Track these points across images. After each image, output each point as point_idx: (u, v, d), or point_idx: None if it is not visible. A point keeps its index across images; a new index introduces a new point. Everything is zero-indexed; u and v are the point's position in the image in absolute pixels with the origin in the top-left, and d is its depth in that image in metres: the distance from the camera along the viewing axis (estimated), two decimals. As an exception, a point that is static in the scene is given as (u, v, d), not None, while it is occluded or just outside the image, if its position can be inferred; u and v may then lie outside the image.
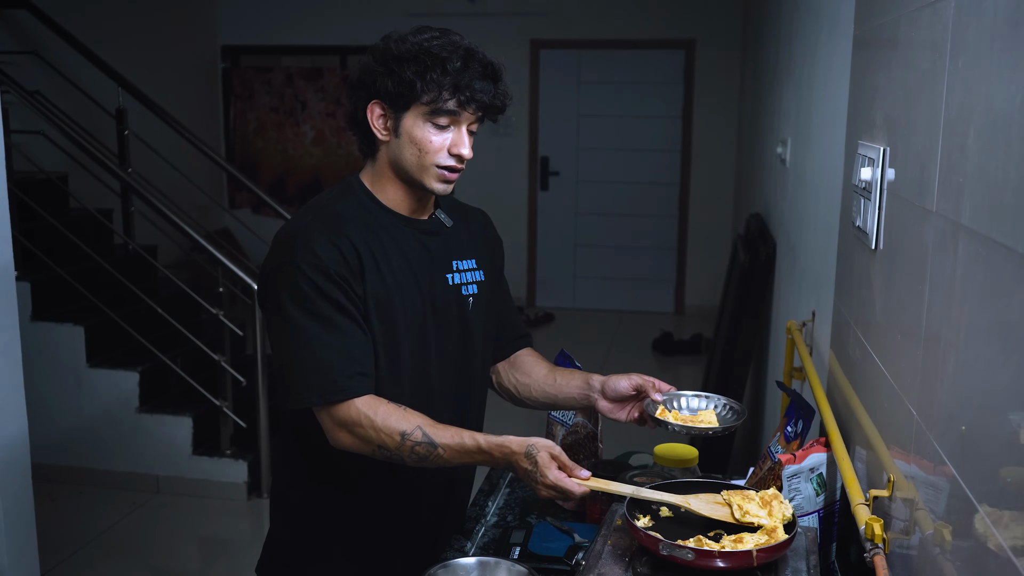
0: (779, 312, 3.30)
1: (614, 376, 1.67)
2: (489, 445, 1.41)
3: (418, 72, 1.44)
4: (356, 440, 1.45)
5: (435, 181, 1.51)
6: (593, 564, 1.35)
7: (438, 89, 1.44)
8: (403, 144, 1.49)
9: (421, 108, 1.46)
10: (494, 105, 1.50)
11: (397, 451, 1.43)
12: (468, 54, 1.47)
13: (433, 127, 1.47)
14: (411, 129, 1.48)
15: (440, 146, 1.48)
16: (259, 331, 3.84)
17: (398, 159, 1.51)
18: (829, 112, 2.25)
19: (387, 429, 1.42)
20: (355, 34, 7.14)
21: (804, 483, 1.55)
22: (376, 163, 1.55)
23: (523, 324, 1.84)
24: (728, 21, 6.81)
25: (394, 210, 1.56)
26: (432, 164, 1.49)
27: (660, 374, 1.74)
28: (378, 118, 1.51)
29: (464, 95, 1.45)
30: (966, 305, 0.99)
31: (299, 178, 7.59)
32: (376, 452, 1.45)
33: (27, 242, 3.97)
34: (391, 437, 1.42)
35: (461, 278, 1.62)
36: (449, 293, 1.60)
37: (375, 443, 1.44)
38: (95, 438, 4.02)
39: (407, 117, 1.48)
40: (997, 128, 0.91)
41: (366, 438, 1.44)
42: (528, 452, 1.38)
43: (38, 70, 4.88)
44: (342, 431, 1.45)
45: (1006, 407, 0.86)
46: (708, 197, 7.05)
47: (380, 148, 1.53)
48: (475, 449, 1.42)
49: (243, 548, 3.75)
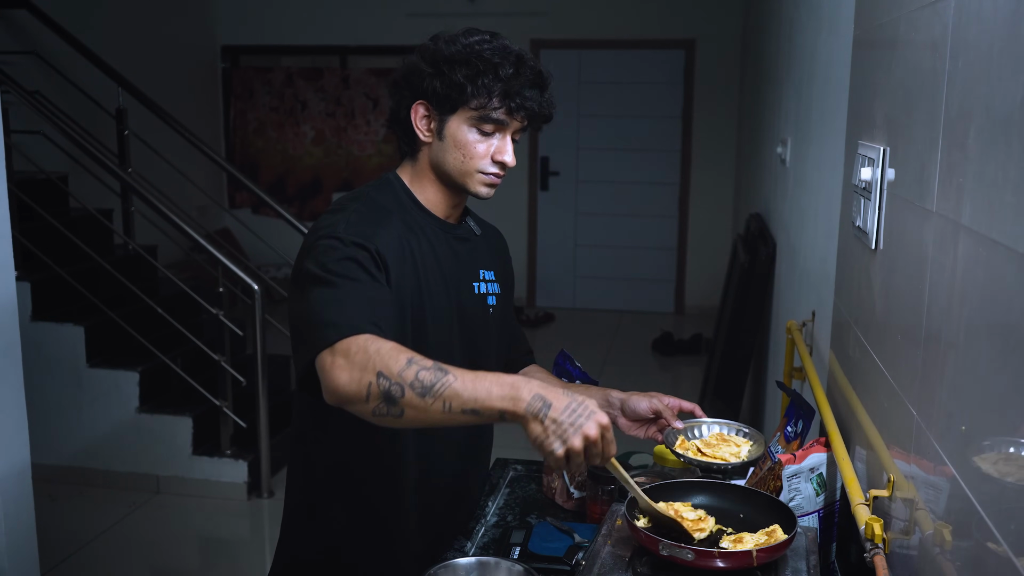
0: (779, 312, 3.30)
1: (634, 395, 1.64)
2: (513, 377, 1.23)
3: (469, 76, 1.42)
4: (352, 370, 1.22)
5: (479, 185, 1.50)
6: (593, 564, 1.35)
7: (488, 95, 1.43)
8: (446, 147, 1.48)
9: (468, 112, 1.45)
10: (542, 115, 1.49)
11: (399, 376, 1.20)
12: (519, 61, 1.45)
13: (479, 132, 1.46)
14: (456, 133, 1.46)
15: (484, 152, 1.47)
16: (259, 331, 3.84)
17: (440, 162, 1.50)
18: (829, 112, 2.25)
19: (391, 351, 1.23)
20: (355, 34, 7.14)
21: (804, 483, 1.55)
22: (416, 163, 1.54)
23: (527, 342, 1.85)
24: (728, 21, 6.81)
25: (431, 211, 1.55)
26: (476, 170, 1.48)
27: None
28: (422, 119, 1.49)
29: (514, 102, 1.44)
30: (966, 305, 0.99)
31: (299, 178, 7.59)
32: (372, 384, 1.21)
33: (27, 242, 3.97)
34: (395, 359, 1.22)
35: (486, 288, 1.62)
36: (475, 301, 1.60)
37: (374, 368, 1.21)
38: (95, 438, 4.02)
39: (452, 120, 1.46)
40: (997, 128, 0.91)
41: (364, 364, 1.22)
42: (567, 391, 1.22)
43: (38, 70, 4.88)
44: (337, 361, 1.24)
45: (1006, 407, 0.86)
46: (708, 197, 7.05)
47: (421, 149, 1.52)
48: (493, 377, 1.21)
49: (243, 548, 3.75)
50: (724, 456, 1.59)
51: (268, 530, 3.78)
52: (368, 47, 7.31)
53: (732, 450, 1.62)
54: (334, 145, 7.50)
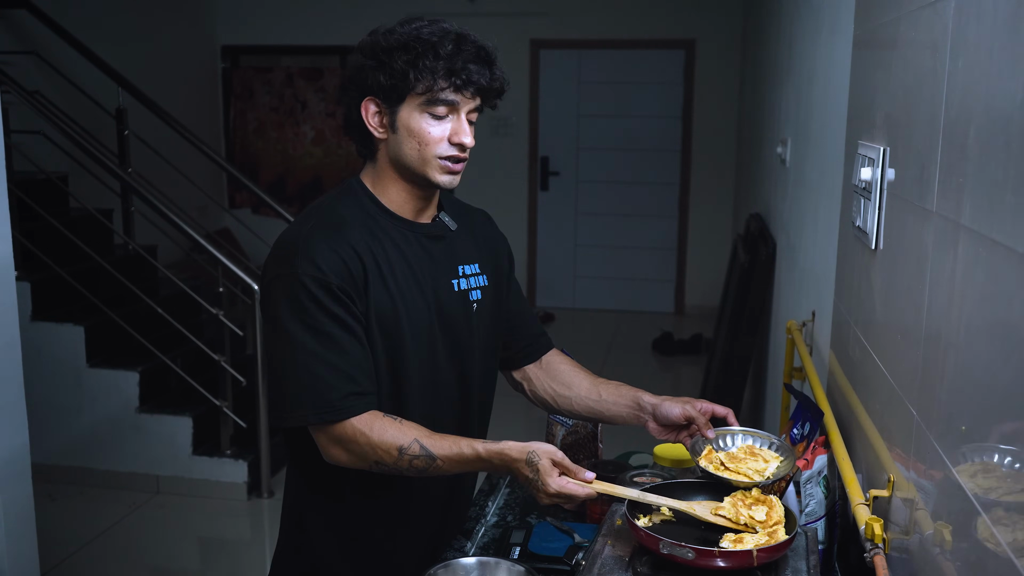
0: (779, 312, 3.30)
1: (667, 400, 1.59)
2: (488, 453, 1.38)
3: (410, 60, 1.39)
4: (352, 457, 1.42)
5: (439, 173, 1.46)
6: (593, 564, 1.35)
7: (432, 76, 1.39)
8: (401, 139, 1.44)
9: (416, 99, 1.41)
10: (492, 88, 1.45)
11: (395, 465, 1.40)
12: (460, 38, 1.42)
13: (431, 117, 1.43)
14: (408, 122, 1.43)
15: (440, 136, 1.43)
16: (259, 331, 3.84)
17: (398, 155, 1.46)
18: (829, 112, 2.25)
19: (383, 445, 1.39)
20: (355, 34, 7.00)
21: (815, 487, 1.55)
22: (376, 163, 1.50)
23: (539, 322, 1.78)
24: (728, 21, 6.81)
25: (397, 213, 1.51)
26: (434, 156, 1.44)
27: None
28: (373, 115, 1.46)
29: (460, 79, 1.40)
30: (966, 305, 0.99)
31: (299, 178, 7.59)
32: (373, 468, 1.42)
33: (27, 242, 3.97)
34: (388, 453, 1.39)
35: (466, 284, 1.58)
36: (455, 300, 1.55)
37: (371, 459, 1.41)
38: (95, 438, 4.02)
39: (403, 110, 1.43)
40: (997, 128, 0.91)
41: (362, 455, 1.41)
42: (529, 459, 1.35)
43: (38, 70, 4.88)
44: (336, 447, 1.42)
45: (1006, 407, 0.86)
46: (708, 197, 7.04)
47: (379, 147, 1.48)
48: (474, 458, 1.39)
49: (243, 548, 3.75)
50: (747, 474, 1.47)
51: (268, 530, 3.78)
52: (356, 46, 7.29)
53: (758, 466, 1.50)
54: (334, 145, 7.50)
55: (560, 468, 1.36)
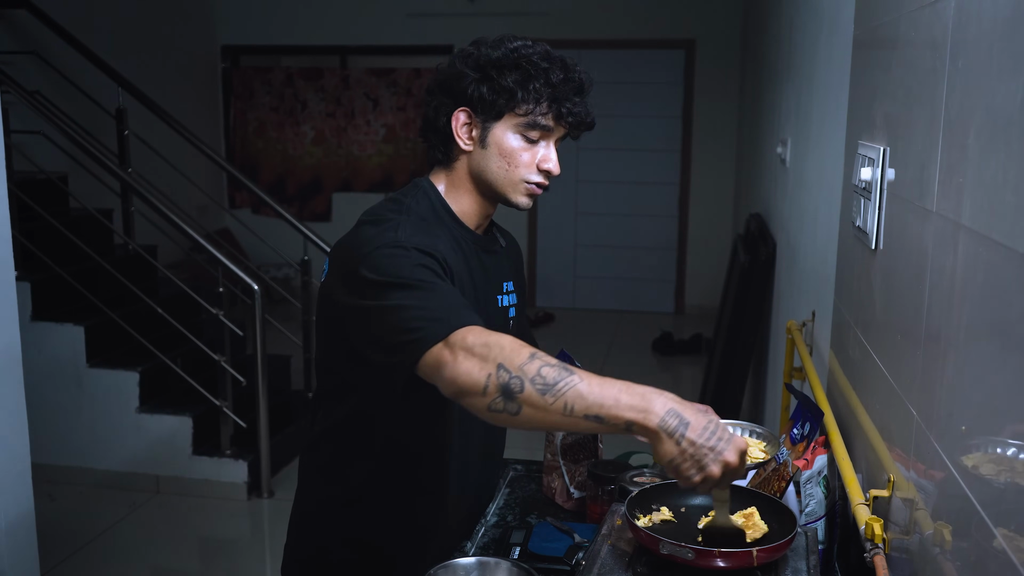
0: (779, 312, 3.30)
1: None
2: (643, 387, 1.17)
3: (519, 81, 1.38)
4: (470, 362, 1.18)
5: (521, 196, 1.45)
6: (593, 564, 1.35)
7: (537, 100, 1.38)
8: (490, 155, 1.43)
9: (514, 119, 1.40)
10: (586, 122, 1.45)
11: (520, 371, 1.16)
12: (565, 66, 1.41)
13: (524, 140, 1.42)
14: (500, 140, 1.41)
15: (530, 161, 1.43)
16: (259, 331, 3.84)
17: (483, 171, 1.44)
18: (829, 112, 2.25)
19: (513, 345, 1.20)
20: (355, 34, 7.14)
21: (815, 487, 1.55)
22: (453, 172, 1.48)
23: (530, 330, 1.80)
24: (728, 21, 6.81)
25: (463, 222, 1.49)
26: (520, 179, 1.43)
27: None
28: (463, 126, 1.43)
29: (563, 108, 1.40)
30: (966, 305, 0.99)
31: (299, 178, 7.59)
32: (492, 376, 1.17)
33: (27, 242, 3.97)
34: (518, 353, 1.18)
35: (507, 300, 1.58)
36: (499, 315, 1.55)
37: (496, 359, 1.18)
38: (95, 438, 4.02)
39: (497, 127, 1.41)
40: (997, 128, 0.91)
41: (484, 354, 1.18)
42: (699, 408, 1.19)
43: (38, 70, 4.88)
44: (456, 353, 1.20)
45: (1006, 407, 0.86)
46: (708, 197, 7.05)
47: (459, 157, 1.46)
48: (622, 386, 1.17)
49: (243, 548, 3.75)
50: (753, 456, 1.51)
51: (268, 530, 3.78)
52: (368, 47, 7.30)
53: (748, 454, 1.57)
54: (334, 145, 7.50)
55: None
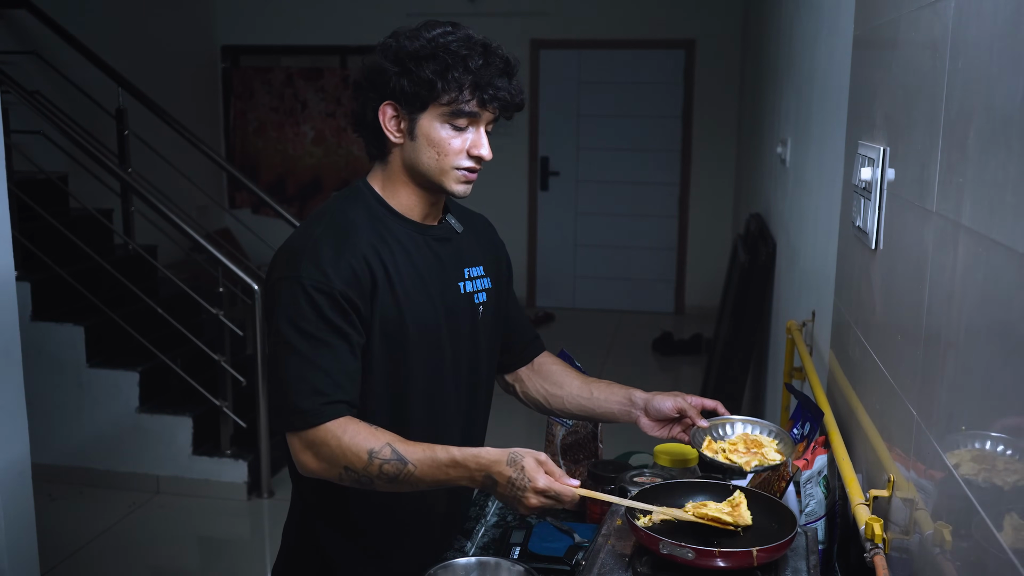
0: (779, 312, 3.30)
1: (658, 395, 1.62)
2: (464, 457, 1.32)
3: (438, 71, 1.37)
4: (321, 463, 1.36)
5: (455, 183, 1.45)
6: (593, 564, 1.35)
7: (459, 89, 1.38)
8: (419, 147, 1.43)
9: (439, 108, 1.40)
10: (514, 103, 1.44)
11: (364, 471, 1.34)
12: (486, 50, 1.41)
13: (452, 128, 1.41)
14: (428, 131, 1.42)
15: (460, 148, 1.43)
16: (259, 331, 3.84)
17: (414, 162, 1.45)
18: (829, 112, 2.25)
19: (354, 447, 1.34)
20: (355, 34, 7.13)
21: (815, 487, 1.55)
22: (387, 166, 1.49)
23: (531, 326, 1.79)
24: (728, 21, 6.81)
25: (406, 216, 1.50)
26: (452, 166, 1.43)
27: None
28: (391, 120, 1.44)
29: (487, 94, 1.40)
30: (966, 305, 0.99)
31: (299, 178, 7.58)
32: (343, 475, 1.36)
33: (27, 242, 3.97)
34: (358, 456, 1.33)
35: (472, 286, 1.57)
36: (462, 302, 1.55)
37: (341, 464, 1.35)
38: (95, 438, 4.02)
39: (423, 118, 1.41)
40: (997, 128, 0.91)
41: (331, 459, 1.35)
42: (512, 459, 1.30)
43: (38, 70, 4.88)
44: (307, 452, 1.37)
45: (1006, 407, 0.86)
46: (708, 197, 7.05)
47: (392, 151, 1.47)
48: (449, 462, 1.32)
49: (243, 548, 3.75)
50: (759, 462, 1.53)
51: (268, 530, 3.78)
52: (368, 47, 7.24)
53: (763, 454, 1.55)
54: (334, 145, 7.50)
55: (544, 468, 1.31)
